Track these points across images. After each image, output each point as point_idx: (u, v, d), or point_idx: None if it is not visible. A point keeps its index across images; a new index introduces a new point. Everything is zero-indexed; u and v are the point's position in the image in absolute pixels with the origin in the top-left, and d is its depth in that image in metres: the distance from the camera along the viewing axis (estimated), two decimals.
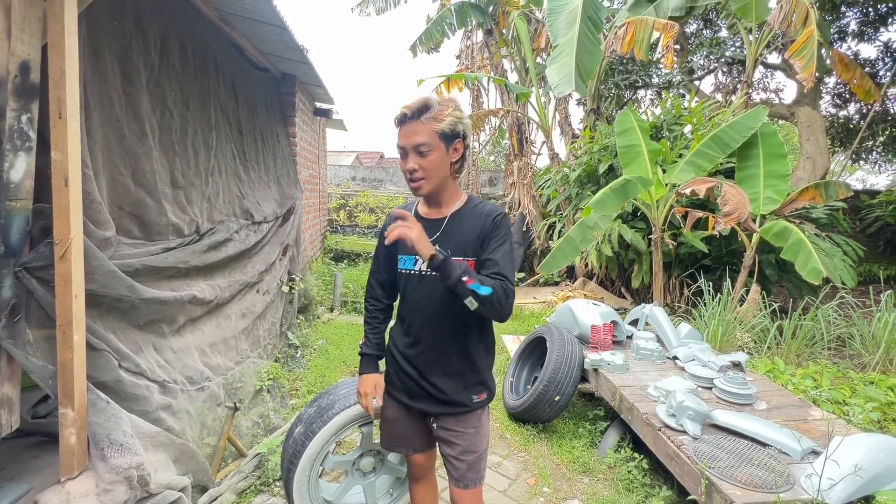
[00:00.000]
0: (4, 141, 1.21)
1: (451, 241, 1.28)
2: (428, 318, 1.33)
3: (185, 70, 2.42)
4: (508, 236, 1.28)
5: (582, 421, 2.86)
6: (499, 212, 1.30)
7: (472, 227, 1.28)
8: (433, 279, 1.28)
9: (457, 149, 1.25)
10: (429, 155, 1.21)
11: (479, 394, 1.36)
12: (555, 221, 6.81)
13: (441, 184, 1.27)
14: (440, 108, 1.21)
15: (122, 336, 1.75)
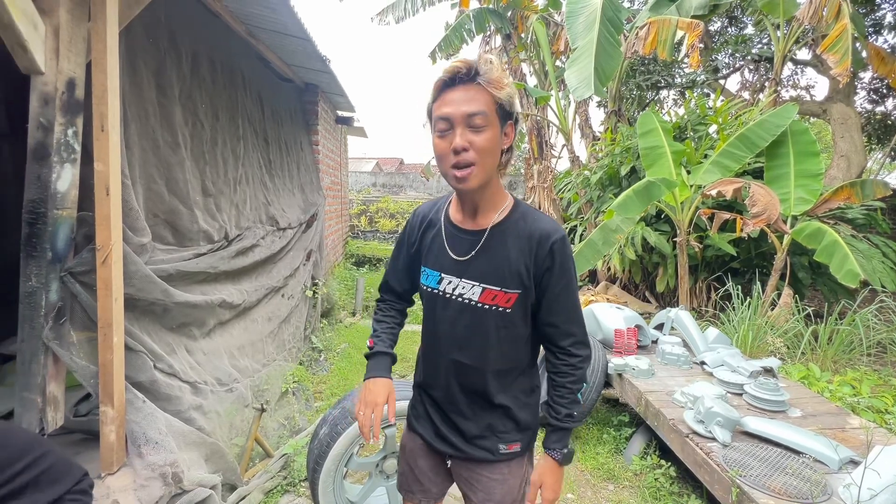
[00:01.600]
0: (52, 154, 1.29)
1: (488, 265, 1.01)
2: (451, 347, 1.07)
3: (214, 83, 2.52)
4: (572, 268, 1.02)
5: (606, 427, 2.82)
6: (557, 234, 0.99)
7: (518, 252, 0.99)
8: (461, 304, 1.04)
9: (508, 133, 0.96)
10: (484, 131, 0.90)
11: (509, 444, 1.09)
12: (576, 225, 6.74)
13: (490, 177, 0.96)
14: (501, 75, 0.91)
15: (156, 338, 1.82)
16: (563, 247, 0.99)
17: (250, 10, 2.51)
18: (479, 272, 1.01)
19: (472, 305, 1.03)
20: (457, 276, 1.04)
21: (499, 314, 1.02)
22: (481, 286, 1.01)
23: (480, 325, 1.03)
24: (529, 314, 1.05)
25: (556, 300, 1.01)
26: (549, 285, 1.00)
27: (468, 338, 1.05)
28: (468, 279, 1.02)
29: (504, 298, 1.00)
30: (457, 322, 1.06)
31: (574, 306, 1.03)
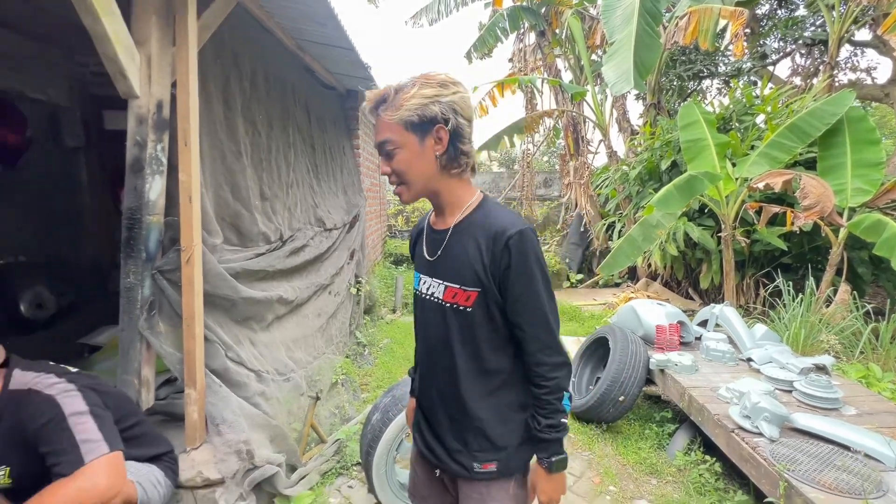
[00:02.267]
0: (146, 167, 1.48)
1: (450, 264, 1.02)
2: (427, 348, 1.11)
3: (269, 95, 2.71)
4: (535, 266, 0.96)
5: (648, 423, 2.82)
6: (514, 229, 0.95)
7: (475, 248, 0.98)
8: (433, 304, 1.05)
9: (439, 137, 0.95)
10: (396, 154, 0.96)
11: (483, 463, 1.04)
12: (614, 221, 6.63)
13: (430, 185, 1.00)
14: (403, 93, 0.94)
15: (226, 330, 2.01)
16: (520, 242, 0.94)
17: (301, 26, 2.68)
18: (444, 270, 1.03)
19: (438, 304, 1.04)
20: (429, 276, 1.06)
21: (460, 313, 1.01)
22: (444, 284, 1.02)
23: (444, 323, 1.04)
24: (498, 316, 1.01)
25: (517, 301, 0.97)
26: (508, 285, 0.96)
27: (438, 337, 1.06)
28: (436, 278, 1.04)
29: (464, 297, 1.00)
30: (429, 322, 1.08)
31: (538, 308, 0.97)
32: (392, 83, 0.98)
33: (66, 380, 1.12)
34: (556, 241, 8.22)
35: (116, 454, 1.09)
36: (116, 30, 1.27)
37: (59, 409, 1.06)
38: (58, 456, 1.03)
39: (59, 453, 1.03)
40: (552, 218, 9.24)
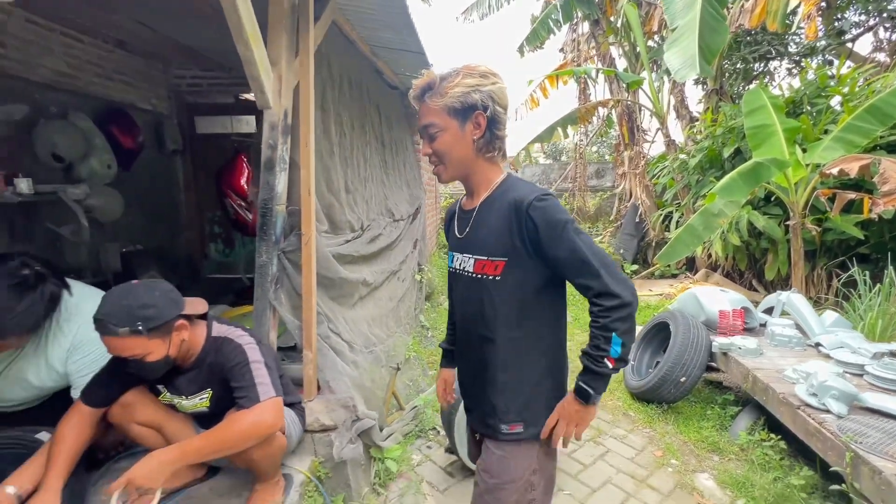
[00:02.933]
0: (276, 165, 1.79)
1: (477, 238, 1.11)
2: (463, 320, 1.20)
3: (351, 98, 3.02)
4: (562, 224, 1.01)
5: (710, 405, 2.89)
6: (531, 196, 1.02)
7: (498, 221, 1.06)
8: (465, 277, 1.14)
9: (478, 123, 1.05)
10: (438, 137, 1.06)
11: (510, 425, 1.12)
12: (671, 211, 6.52)
13: (465, 167, 1.10)
14: (448, 82, 1.03)
15: (326, 305, 2.34)
16: (541, 206, 1.00)
17: (379, 34, 2.96)
18: (472, 245, 1.12)
19: (469, 277, 1.13)
20: (460, 252, 1.17)
21: (490, 283, 1.08)
22: (473, 258, 1.11)
23: (476, 294, 1.11)
24: (529, 282, 1.06)
25: (558, 261, 1.02)
26: (543, 248, 1.02)
27: (471, 309, 1.14)
28: (466, 253, 1.14)
29: (492, 267, 1.07)
30: (463, 295, 1.17)
31: (579, 260, 1.00)
32: (434, 73, 1.07)
33: (248, 335, 1.45)
34: (610, 231, 8.15)
35: (280, 398, 1.40)
36: (261, 56, 1.57)
37: (245, 356, 1.37)
38: (241, 391, 1.34)
39: (243, 389, 1.34)
40: (605, 209, 9.14)
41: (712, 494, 2.15)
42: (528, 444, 1.14)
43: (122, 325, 1.20)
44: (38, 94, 3.39)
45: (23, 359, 1.47)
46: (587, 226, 9.06)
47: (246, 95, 5.15)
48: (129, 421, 1.48)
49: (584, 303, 6.25)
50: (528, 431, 1.13)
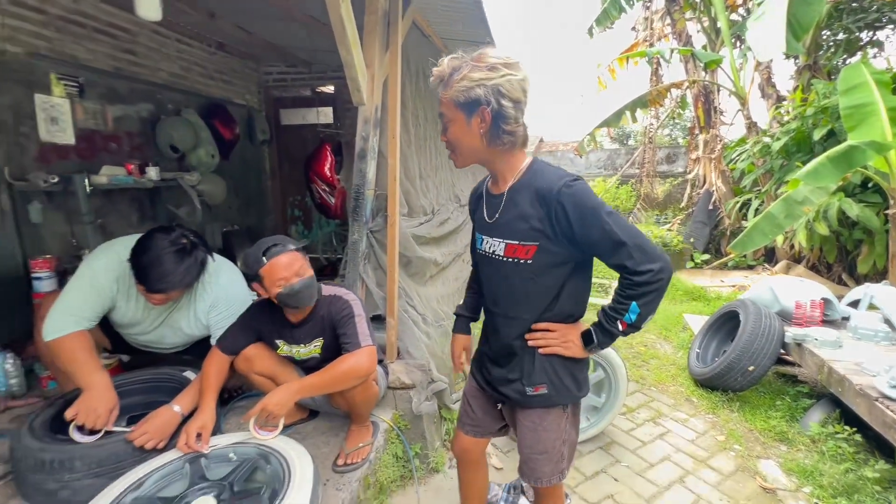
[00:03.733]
0: (367, 154, 2.04)
1: (507, 223, 1.14)
2: (491, 300, 1.26)
3: (425, 90, 3.23)
4: (591, 207, 1.04)
5: (781, 396, 2.83)
6: (559, 183, 1.05)
7: (528, 206, 1.09)
8: (495, 260, 1.18)
9: (483, 117, 1.05)
10: (449, 127, 1.11)
11: (535, 386, 1.20)
12: (750, 198, 6.13)
13: (477, 156, 1.14)
14: (456, 74, 1.05)
15: (404, 280, 2.60)
16: (570, 192, 1.04)
17: (453, 28, 3.13)
18: (502, 229, 1.15)
19: (499, 260, 1.17)
20: (489, 236, 1.20)
21: (521, 266, 1.13)
22: (504, 242, 1.14)
23: (507, 277, 1.16)
24: (561, 265, 1.12)
25: (593, 244, 1.06)
26: (575, 233, 1.05)
27: (500, 289, 1.20)
28: (496, 237, 1.17)
29: (523, 251, 1.11)
30: (492, 277, 1.22)
31: (614, 242, 1.03)
32: (454, 62, 1.07)
33: (352, 293, 1.73)
34: (680, 219, 7.81)
35: (375, 347, 1.66)
36: (359, 59, 1.81)
37: (351, 310, 1.65)
38: (347, 338, 1.62)
39: (348, 336, 1.62)
40: (675, 195, 8.73)
41: (776, 480, 2.16)
42: (557, 413, 1.23)
43: (288, 243, 1.57)
44: (159, 94, 3.95)
45: (178, 311, 1.86)
46: (655, 213, 8.72)
47: (323, 88, 5.56)
48: (249, 371, 1.82)
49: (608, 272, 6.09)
50: (553, 395, 1.20)
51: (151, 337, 1.92)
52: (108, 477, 1.41)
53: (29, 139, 2.90)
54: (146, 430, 1.53)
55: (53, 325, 1.61)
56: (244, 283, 1.95)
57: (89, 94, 3.28)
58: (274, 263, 1.53)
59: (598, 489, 2.09)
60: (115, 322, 1.85)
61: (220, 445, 1.50)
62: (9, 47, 2.76)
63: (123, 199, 3.61)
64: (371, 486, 1.82)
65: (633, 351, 3.72)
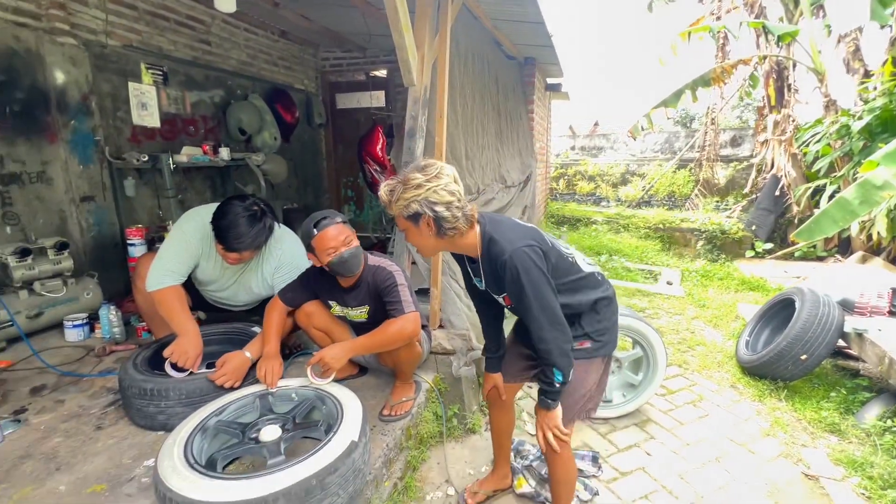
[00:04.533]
0: (416, 133, 2.17)
1: (495, 285, 1.40)
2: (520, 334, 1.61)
3: (473, 71, 3.31)
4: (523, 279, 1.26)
5: (836, 388, 2.70)
6: (504, 255, 1.27)
7: (495, 274, 1.35)
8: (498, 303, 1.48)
9: (427, 223, 1.28)
10: (407, 234, 1.36)
11: (579, 342, 1.43)
12: (824, 184, 5.66)
13: (439, 247, 1.38)
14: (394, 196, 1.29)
15: (447, 255, 2.73)
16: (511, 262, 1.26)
17: (503, 8, 3.16)
18: (493, 288, 1.42)
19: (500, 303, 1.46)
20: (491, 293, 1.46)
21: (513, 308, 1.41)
22: (501, 295, 1.41)
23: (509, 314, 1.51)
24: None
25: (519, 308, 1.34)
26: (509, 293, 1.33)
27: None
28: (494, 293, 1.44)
29: (507, 300, 1.40)
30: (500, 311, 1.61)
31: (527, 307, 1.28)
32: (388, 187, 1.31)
33: (395, 264, 1.89)
34: (742, 205, 7.35)
35: (418, 313, 1.81)
36: (410, 41, 1.93)
37: (394, 279, 1.81)
38: (392, 305, 1.78)
39: (393, 303, 1.78)
40: (738, 181, 8.20)
41: (822, 468, 2.11)
42: (597, 363, 1.48)
43: (336, 216, 1.75)
44: (229, 80, 4.30)
45: (249, 271, 2.11)
46: (715, 200, 8.25)
47: (376, 72, 5.75)
48: (309, 325, 2.03)
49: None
50: (592, 348, 1.45)
51: (226, 294, 2.20)
52: (193, 406, 1.68)
53: (124, 122, 3.31)
54: (224, 372, 1.79)
55: (154, 279, 1.91)
56: (304, 250, 2.17)
57: (172, 82, 3.66)
58: (324, 234, 1.70)
59: (629, 461, 2.14)
60: (198, 279, 2.14)
61: (285, 387, 1.72)
62: (110, 41, 3.14)
63: (198, 177, 4.01)
64: (412, 437, 2.00)
65: (679, 337, 3.66)
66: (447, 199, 1.27)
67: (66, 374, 2.21)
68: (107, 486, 1.48)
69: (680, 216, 7.33)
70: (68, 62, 2.87)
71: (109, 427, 1.81)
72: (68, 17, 2.89)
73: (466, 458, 2.12)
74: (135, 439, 1.73)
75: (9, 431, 1.75)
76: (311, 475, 1.22)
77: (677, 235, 6.74)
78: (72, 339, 2.61)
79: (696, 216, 7.24)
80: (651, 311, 4.28)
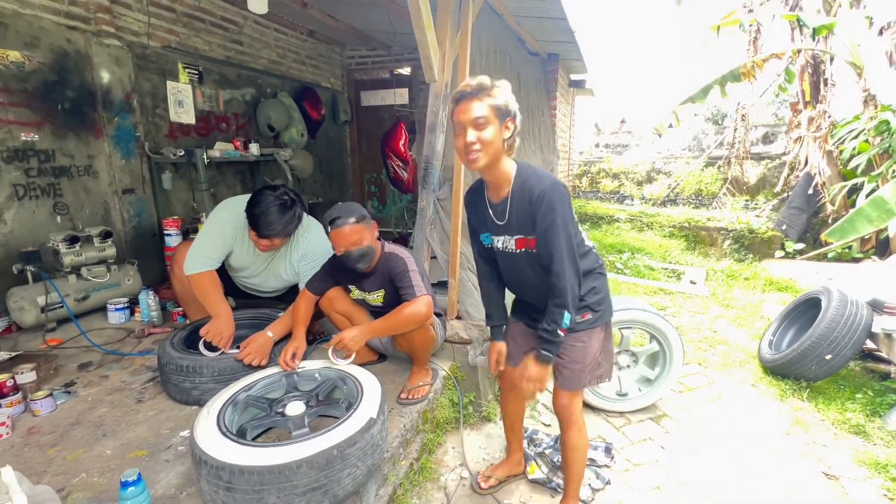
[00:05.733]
0: (437, 128, 2.24)
1: (514, 221, 1.40)
2: (513, 283, 1.59)
3: (496, 67, 3.35)
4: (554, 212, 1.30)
5: (862, 389, 2.63)
6: (545, 183, 1.31)
7: (527, 201, 1.34)
8: (508, 253, 1.47)
9: (508, 126, 1.32)
10: (485, 128, 1.29)
11: (582, 314, 1.48)
12: (861, 182, 5.43)
13: (496, 157, 1.34)
14: (495, 89, 1.30)
15: (466, 248, 2.79)
16: (551, 192, 1.30)
17: (524, 4, 3.19)
18: (511, 228, 1.42)
19: (514, 253, 1.46)
20: (500, 234, 1.47)
21: (531, 255, 1.42)
22: (514, 238, 1.43)
23: (524, 265, 1.46)
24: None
25: (541, 240, 1.34)
26: (538, 226, 1.33)
27: (519, 277, 1.51)
28: (507, 234, 1.45)
29: (531, 243, 1.39)
30: (510, 267, 1.52)
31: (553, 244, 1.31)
32: (481, 78, 1.33)
33: (408, 251, 1.96)
34: (773, 205, 7.13)
35: (430, 296, 1.88)
36: (432, 38, 1.99)
37: (406, 265, 1.88)
38: (405, 289, 1.86)
39: (405, 288, 1.85)
40: (770, 179, 7.94)
41: (843, 468, 2.08)
42: (598, 331, 1.55)
43: (350, 216, 1.79)
44: (260, 78, 4.47)
45: (278, 258, 2.23)
46: (744, 198, 8.02)
47: (400, 70, 5.84)
48: (331, 309, 2.13)
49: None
50: (593, 319, 1.51)
51: (257, 280, 2.32)
52: (224, 383, 1.79)
53: (162, 119, 3.50)
54: (250, 351, 1.90)
55: (192, 264, 2.05)
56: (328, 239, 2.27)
57: (206, 81, 3.84)
58: (336, 233, 1.80)
59: (643, 454, 2.16)
60: (230, 266, 2.27)
61: (308, 367, 1.82)
62: (150, 42, 3.33)
63: (230, 172, 4.19)
64: (429, 421, 2.07)
65: (701, 335, 3.61)
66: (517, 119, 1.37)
67: (110, 353, 2.38)
68: (147, 451, 1.62)
69: (706, 215, 7.15)
70: (113, 62, 3.06)
71: (149, 401, 1.96)
72: (114, 21, 3.08)
73: (481, 444, 2.18)
74: (172, 412, 1.87)
75: (61, 401, 1.91)
76: (333, 446, 1.31)
77: (703, 234, 6.59)
78: (114, 321, 2.80)
79: (723, 215, 7.06)
80: (673, 309, 4.24)
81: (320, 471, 1.28)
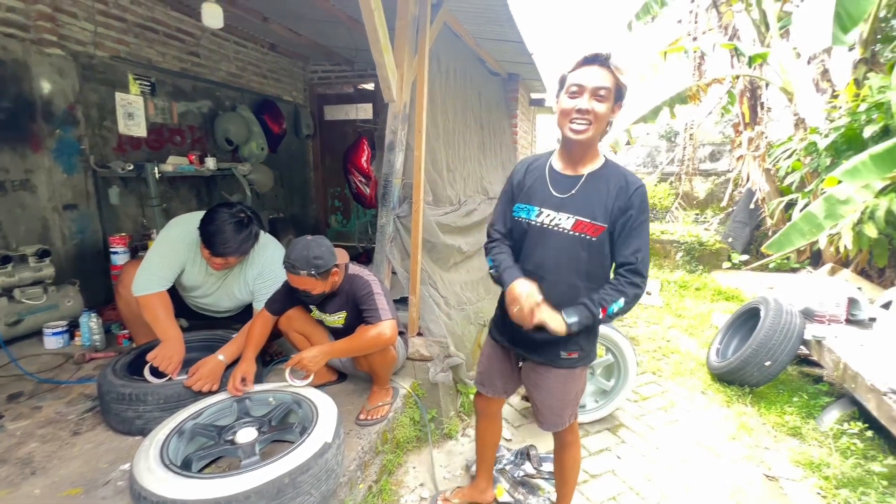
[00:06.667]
0: (396, 146, 2.26)
1: (582, 202, 1.31)
2: (549, 271, 1.36)
3: (456, 86, 3.42)
4: (647, 213, 1.30)
5: (798, 393, 2.82)
6: (640, 182, 1.30)
7: (608, 191, 1.29)
8: (556, 232, 1.33)
9: (614, 110, 1.28)
10: (606, 101, 1.24)
11: (569, 352, 1.39)
12: (796, 198, 5.88)
13: (599, 134, 1.29)
14: (624, 66, 1.26)
15: (428, 265, 2.81)
16: (644, 192, 1.30)
17: (483, 28, 3.29)
18: (575, 207, 1.31)
19: (564, 233, 1.33)
20: (554, 210, 1.34)
21: (585, 241, 1.31)
22: (574, 217, 1.31)
23: (570, 248, 1.32)
24: (608, 245, 1.33)
25: (634, 234, 1.29)
26: (629, 218, 1.29)
27: (552, 259, 1.34)
28: (564, 212, 1.33)
29: (592, 228, 1.30)
30: (547, 246, 1.34)
31: (646, 242, 1.30)
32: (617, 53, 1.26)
33: (372, 274, 1.95)
34: (719, 219, 7.57)
35: (395, 320, 1.87)
36: (390, 61, 2.02)
37: (370, 288, 1.87)
38: (368, 312, 1.84)
39: (369, 311, 1.84)
40: (717, 194, 8.45)
41: (782, 470, 2.20)
42: (581, 370, 1.50)
43: (302, 269, 1.72)
44: (218, 91, 4.36)
45: (232, 276, 2.16)
46: (694, 212, 8.48)
47: (364, 85, 5.86)
48: (289, 328, 2.08)
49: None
50: (581, 360, 1.45)
51: (210, 300, 2.24)
52: (171, 411, 1.71)
53: (110, 132, 3.34)
54: (199, 377, 1.82)
55: (141, 284, 1.95)
56: None
57: (159, 93, 3.71)
58: (289, 275, 1.78)
59: (600, 464, 2.21)
60: (182, 285, 2.18)
61: (261, 390, 1.77)
62: (97, 52, 3.20)
63: (184, 186, 4.04)
64: (388, 442, 2.05)
65: (655, 345, 3.76)
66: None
67: (44, 381, 2.22)
68: (82, 489, 1.51)
69: (661, 228, 7.51)
70: (55, 72, 2.91)
71: (87, 432, 1.83)
72: (56, 29, 2.94)
73: (443, 462, 2.17)
74: (112, 444, 1.75)
75: None
76: (284, 474, 1.27)
77: (657, 247, 6.90)
78: (51, 346, 2.61)
79: (675, 228, 7.44)
80: (629, 320, 4.39)
81: (271, 500, 1.24)
